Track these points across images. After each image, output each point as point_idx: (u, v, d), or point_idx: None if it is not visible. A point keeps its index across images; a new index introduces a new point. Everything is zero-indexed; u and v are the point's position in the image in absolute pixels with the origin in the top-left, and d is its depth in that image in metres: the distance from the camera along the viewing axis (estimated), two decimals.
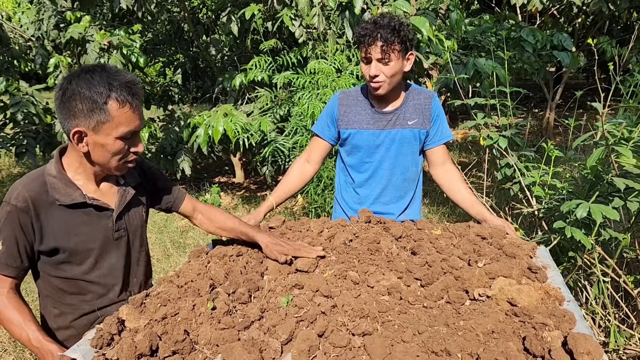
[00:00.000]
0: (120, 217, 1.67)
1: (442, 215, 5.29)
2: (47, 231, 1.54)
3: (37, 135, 5.61)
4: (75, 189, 1.56)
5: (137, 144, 1.55)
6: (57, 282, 1.62)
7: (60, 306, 1.66)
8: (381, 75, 2.06)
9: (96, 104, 1.43)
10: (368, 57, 2.05)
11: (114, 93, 1.44)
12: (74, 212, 1.57)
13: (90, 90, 1.43)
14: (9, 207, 1.50)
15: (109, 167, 1.56)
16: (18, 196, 1.50)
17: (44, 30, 5.88)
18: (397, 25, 2.00)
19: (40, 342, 1.44)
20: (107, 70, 1.47)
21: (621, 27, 9.36)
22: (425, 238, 1.82)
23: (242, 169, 7.45)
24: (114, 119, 1.45)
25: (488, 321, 1.24)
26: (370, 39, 2.00)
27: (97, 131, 1.46)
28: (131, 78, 1.49)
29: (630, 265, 2.61)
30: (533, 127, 9.09)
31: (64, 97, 1.45)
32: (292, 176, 2.35)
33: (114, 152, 1.51)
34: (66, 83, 1.46)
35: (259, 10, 4.95)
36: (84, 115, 1.44)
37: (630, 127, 2.19)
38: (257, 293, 1.50)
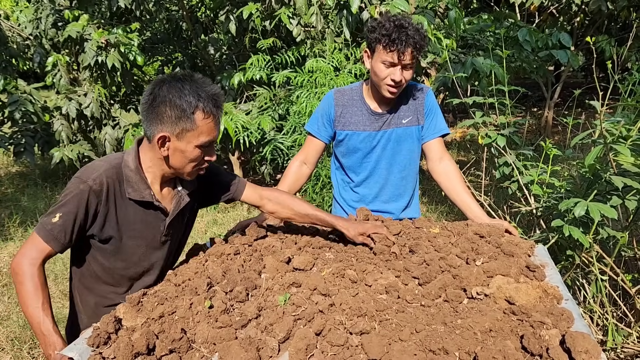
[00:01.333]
0: (171, 223, 1.72)
1: (441, 213, 5.29)
2: (110, 220, 1.59)
3: (36, 134, 5.61)
4: (146, 187, 1.62)
5: (212, 153, 1.62)
6: (96, 269, 1.67)
7: (89, 293, 1.71)
8: (403, 80, 2.01)
9: (184, 112, 1.49)
10: (394, 62, 1.97)
11: (202, 104, 1.50)
12: (137, 208, 1.63)
13: (181, 99, 1.48)
14: (83, 185, 1.53)
15: (183, 172, 1.62)
16: (96, 179, 1.54)
17: (42, 29, 5.87)
18: (423, 31, 1.96)
19: (49, 331, 1.46)
20: (195, 80, 1.53)
21: (620, 26, 9.36)
22: (424, 236, 1.81)
23: (241, 168, 7.44)
24: (198, 128, 1.51)
25: (486, 320, 1.23)
26: (403, 44, 1.92)
27: (180, 138, 1.52)
28: (217, 91, 1.55)
29: (628, 264, 2.61)
30: (531, 126, 9.09)
31: (154, 102, 1.50)
32: (289, 179, 2.33)
33: (191, 159, 1.57)
34: (157, 89, 1.51)
35: (257, 9, 4.94)
36: (171, 121, 1.50)
37: (629, 125, 2.19)
38: (255, 291, 1.50)
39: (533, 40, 5.16)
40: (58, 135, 5.58)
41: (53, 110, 5.64)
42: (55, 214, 1.52)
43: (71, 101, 5.49)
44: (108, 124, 5.96)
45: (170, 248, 1.79)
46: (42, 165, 8.31)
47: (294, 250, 1.74)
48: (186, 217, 1.82)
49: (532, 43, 5.18)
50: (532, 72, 5.49)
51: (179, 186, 1.74)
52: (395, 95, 2.08)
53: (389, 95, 2.08)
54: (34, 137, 5.60)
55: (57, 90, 5.76)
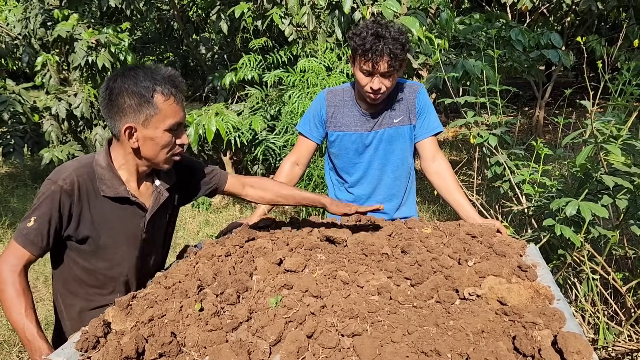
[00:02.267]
0: (151, 219, 1.69)
1: (433, 213, 5.30)
2: (84, 219, 1.57)
3: (25, 135, 5.56)
4: (121, 184, 1.60)
5: (182, 135, 1.60)
6: (78, 272, 1.64)
7: (74, 297, 1.68)
8: (382, 88, 2.02)
9: (144, 97, 1.48)
10: (369, 70, 1.97)
11: (159, 87, 1.49)
12: (113, 206, 1.61)
13: (137, 86, 1.47)
14: (54, 186, 1.51)
15: (158, 160, 1.59)
16: (66, 178, 1.53)
17: (31, 29, 5.81)
18: (402, 39, 1.93)
19: (33, 337, 1.44)
20: (149, 67, 1.52)
21: (609, 26, 9.42)
22: (416, 237, 1.81)
23: (233, 168, 7.42)
24: (161, 111, 1.50)
25: (478, 320, 1.23)
26: (376, 55, 1.91)
27: (146, 125, 1.51)
28: (172, 72, 1.54)
29: (619, 263, 2.62)
30: (523, 125, 9.13)
31: (112, 96, 1.49)
32: (281, 180, 2.31)
33: (162, 145, 1.55)
34: (111, 82, 1.50)
35: (249, 9, 4.93)
36: (133, 110, 1.49)
37: (619, 125, 2.20)
38: (246, 294, 1.48)
39: (525, 39, 5.18)
40: (48, 136, 5.52)
41: (42, 111, 5.59)
42: (30, 218, 1.51)
43: (61, 101, 5.45)
44: (98, 124, 5.91)
45: (153, 246, 1.76)
46: (32, 166, 8.24)
47: (286, 252, 1.72)
48: (168, 213, 1.79)
49: (524, 43, 5.20)
50: (523, 71, 5.51)
51: (156, 181, 1.71)
52: (377, 101, 2.09)
53: (371, 101, 2.10)
54: (23, 138, 5.54)
55: (46, 91, 5.70)
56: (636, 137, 2.16)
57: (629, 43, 6.18)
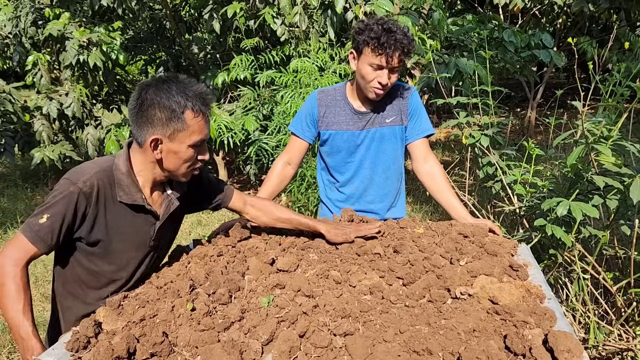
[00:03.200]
0: (160, 227, 1.70)
1: (425, 213, 5.31)
2: (99, 223, 1.57)
3: (16, 134, 5.51)
4: (138, 191, 1.60)
5: (204, 152, 1.61)
6: (81, 273, 1.64)
7: (72, 299, 1.67)
8: (389, 84, 2.03)
9: (174, 113, 1.48)
10: (382, 65, 1.98)
11: (190, 103, 1.49)
12: (127, 212, 1.61)
13: (170, 100, 1.48)
14: (73, 187, 1.50)
15: (178, 173, 1.61)
16: (87, 181, 1.52)
17: (22, 27, 5.76)
18: (411, 35, 1.96)
19: (28, 335, 1.43)
20: (181, 80, 1.53)
21: (600, 28, 9.50)
22: (408, 237, 1.81)
23: (226, 168, 7.40)
24: (189, 127, 1.51)
25: (469, 320, 1.24)
26: (391, 48, 1.92)
27: (172, 139, 1.52)
28: (204, 89, 1.55)
29: (609, 262, 2.64)
30: (515, 126, 9.18)
31: (143, 106, 1.49)
32: (274, 180, 2.31)
33: (185, 160, 1.56)
34: (142, 93, 1.50)
35: (241, 9, 4.91)
36: (162, 123, 1.49)
37: (610, 125, 2.21)
38: (238, 293, 1.48)
39: (518, 40, 5.21)
40: (39, 136, 5.48)
41: (33, 110, 5.54)
42: (43, 214, 1.49)
43: (52, 101, 5.41)
44: (90, 124, 5.87)
45: (158, 252, 1.78)
46: (23, 166, 8.17)
47: (278, 252, 1.72)
48: (174, 221, 1.81)
49: (516, 43, 5.23)
50: (515, 72, 5.54)
51: (168, 190, 1.72)
52: (380, 97, 2.09)
53: (374, 97, 2.09)
54: (14, 138, 5.50)
55: (37, 90, 5.66)
56: (626, 138, 2.18)
57: (619, 45, 6.24)
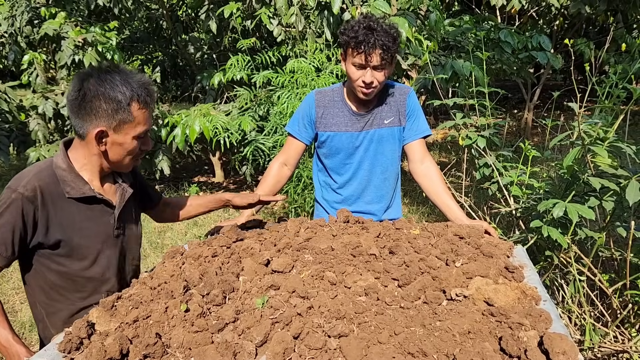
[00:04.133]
0: (120, 215, 1.69)
1: (422, 214, 5.31)
2: (53, 223, 1.54)
3: (11, 134, 5.48)
4: (84, 183, 1.58)
5: (147, 142, 1.61)
6: (53, 278, 1.60)
7: (56, 304, 1.64)
8: (374, 82, 2.02)
9: (120, 104, 1.46)
10: (362, 64, 1.99)
11: (136, 94, 1.48)
12: (80, 207, 1.58)
13: (115, 91, 1.45)
14: (15, 194, 1.47)
15: (122, 164, 1.60)
16: (27, 185, 1.49)
17: (18, 26, 5.74)
18: (392, 31, 1.96)
19: (9, 342, 1.43)
20: (124, 71, 1.51)
21: (597, 30, 9.53)
22: (404, 238, 1.80)
23: (222, 169, 7.39)
24: (135, 119, 1.50)
25: (465, 321, 1.23)
26: (369, 46, 1.93)
27: (117, 131, 1.50)
28: (146, 79, 1.54)
29: (605, 264, 2.64)
30: (511, 128, 9.19)
31: (86, 98, 1.46)
32: (270, 180, 2.30)
33: (129, 151, 1.56)
34: (85, 83, 1.46)
35: (238, 9, 4.91)
36: (108, 115, 1.47)
37: (606, 127, 2.21)
38: (232, 294, 1.47)
39: (514, 41, 5.21)
40: (34, 135, 5.45)
41: (29, 110, 5.51)
42: None
43: (48, 100, 5.38)
44: None
45: (128, 243, 1.76)
46: (18, 166, 8.13)
47: (273, 253, 1.71)
48: (133, 211, 1.80)
49: (513, 44, 5.24)
50: (512, 73, 5.55)
51: (119, 180, 1.72)
52: (368, 96, 2.09)
53: (363, 96, 2.10)
54: (9, 137, 5.46)
55: (33, 89, 5.64)
56: (622, 140, 2.18)
57: (616, 46, 6.26)
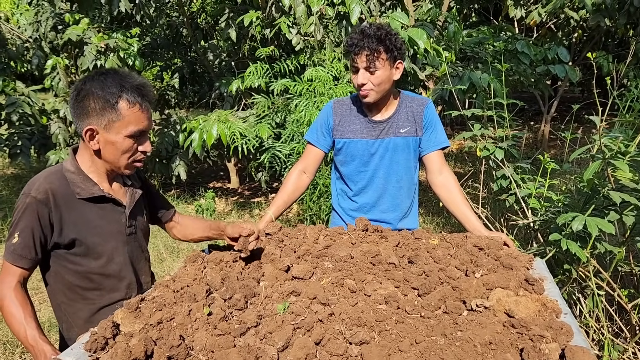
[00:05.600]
0: (132, 214, 1.74)
1: (437, 225, 5.29)
2: (67, 223, 1.59)
3: (32, 137, 5.58)
4: (93, 184, 1.63)
5: (145, 144, 1.64)
6: (71, 278, 1.65)
7: (75, 303, 1.68)
8: (368, 84, 2.08)
9: (108, 103, 1.52)
10: (355, 66, 2.08)
11: (125, 94, 1.53)
12: (91, 206, 1.63)
13: (103, 91, 1.52)
14: (29, 199, 1.54)
15: (119, 165, 1.63)
16: (39, 188, 1.55)
17: (42, 32, 5.86)
18: (382, 35, 2.03)
19: (35, 341, 1.47)
20: (120, 73, 1.57)
21: (616, 43, 9.46)
22: (423, 247, 1.81)
23: (237, 175, 7.44)
24: (124, 118, 1.54)
25: (485, 332, 1.23)
26: (357, 48, 2.03)
27: (108, 129, 1.55)
28: (142, 81, 1.58)
29: (624, 279, 2.62)
30: (528, 140, 9.14)
31: (78, 97, 1.54)
32: (289, 188, 2.33)
33: (123, 150, 1.59)
34: (81, 84, 1.55)
35: (258, 17, 4.96)
36: (97, 113, 1.53)
37: (627, 141, 2.21)
38: (254, 299, 1.49)
39: (531, 52, 5.20)
40: (55, 138, 5.55)
41: (50, 113, 5.62)
42: (14, 234, 1.55)
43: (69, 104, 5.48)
44: None
45: (139, 242, 1.80)
46: (38, 168, 8.27)
47: (293, 259, 1.73)
48: (143, 212, 1.84)
49: (530, 55, 5.22)
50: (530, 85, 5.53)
51: (128, 182, 1.78)
52: (367, 99, 2.14)
53: (362, 99, 2.16)
54: (30, 140, 5.57)
55: (55, 93, 5.74)
56: None
57: (637, 60, 6.21)
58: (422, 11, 6.43)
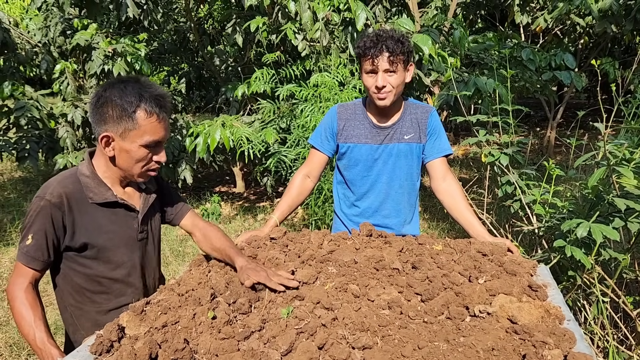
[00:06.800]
0: (144, 219, 1.75)
1: (442, 230, 5.29)
2: (79, 227, 1.61)
3: (40, 140, 5.62)
4: (107, 189, 1.65)
5: (160, 153, 1.64)
6: (80, 281, 1.67)
7: (83, 306, 1.70)
8: (388, 86, 2.08)
9: (126, 111, 1.53)
10: (374, 69, 2.07)
11: (143, 103, 1.54)
12: (104, 211, 1.65)
13: (122, 99, 1.53)
14: (43, 201, 1.56)
15: (132, 173, 1.64)
16: (53, 192, 1.57)
17: (51, 37, 5.92)
18: (400, 37, 2.05)
19: (43, 344, 1.49)
20: (140, 82, 1.57)
21: (623, 49, 9.44)
22: (426, 253, 1.82)
23: (243, 179, 7.46)
24: (141, 127, 1.55)
25: (488, 338, 1.24)
26: (377, 50, 2.03)
27: (123, 137, 1.56)
28: (161, 92, 1.59)
29: (629, 286, 2.61)
30: (534, 146, 9.12)
31: (98, 103, 1.55)
32: (293, 192, 2.34)
33: (137, 159, 1.60)
34: (101, 91, 1.56)
35: (264, 23, 4.99)
36: (114, 121, 1.54)
37: (632, 148, 2.20)
38: (258, 303, 1.50)
39: (537, 59, 5.20)
40: (63, 142, 5.59)
41: (59, 117, 5.67)
42: (27, 236, 1.56)
43: (77, 108, 5.52)
44: None
45: (150, 247, 1.81)
46: (45, 172, 8.34)
47: (297, 264, 1.74)
48: (156, 217, 1.84)
49: (535, 62, 5.22)
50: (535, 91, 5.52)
51: (142, 186, 1.78)
52: (384, 101, 2.13)
53: (379, 102, 2.14)
54: (38, 143, 5.61)
55: (63, 98, 5.79)
56: None
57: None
58: (427, 17, 6.45)
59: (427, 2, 7.02)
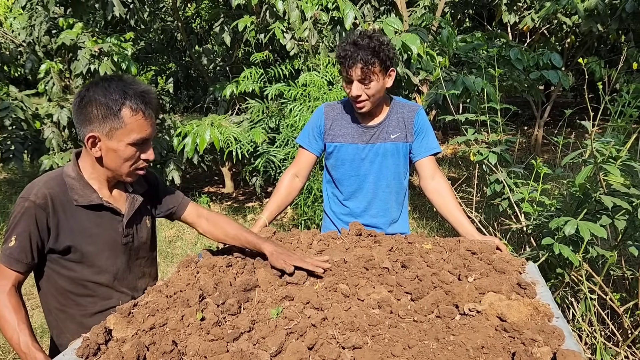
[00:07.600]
0: (129, 223, 1.70)
1: (431, 229, 5.30)
2: (64, 229, 1.57)
3: (25, 141, 5.55)
4: (92, 191, 1.61)
5: (148, 151, 1.62)
6: (64, 284, 1.63)
7: (68, 309, 1.66)
8: (363, 95, 2.08)
9: (111, 110, 1.49)
10: (349, 78, 2.07)
11: (128, 101, 1.50)
12: (89, 214, 1.61)
13: (106, 97, 1.49)
14: (27, 202, 1.52)
15: (120, 172, 1.60)
16: (37, 193, 1.54)
17: (36, 36, 5.84)
18: (376, 46, 2.01)
19: (28, 348, 1.46)
20: (124, 80, 1.54)
21: (608, 48, 9.54)
22: (416, 252, 1.82)
23: (232, 179, 7.43)
24: (127, 125, 1.51)
25: (478, 336, 1.24)
26: (351, 61, 2.01)
27: (110, 137, 1.52)
28: (146, 88, 1.55)
29: (616, 283, 2.63)
30: (521, 144, 9.19)
31: (81, 103, 1.52)
32: (282, 192, 2.33)
33: (125, 158, 1.57)
34: (84, 90, 1.53)
35: (252, 22, 4.97)
36: (99, 120, 1.50)
37: (618, 146, 2.22)
38: (247, 304, 1.49)
39: (525, 59, 5.23)
40: (48, 143, 5.51)
41: (44, 118, 5.60)
42: (11, 238, 1.53)
43: (63, 109, 5.45)
44: None
45: (139, 251, 1.76)
46: (31, 173, 8.24)
47: None
48: (146, 219, 1.79)
49: (523, 62, 5.26)
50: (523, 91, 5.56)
51: (130, 188, 1.74)
52: (362, 110, 2.14)
53: (357, 110, 2.16)
54: (23, 144, 5.54)
55: (48, 98, 5.72)
56: (635, 159, 2.18)
57: (628, 65, 6.26)
58: (416, 16, 6.47)
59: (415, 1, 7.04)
